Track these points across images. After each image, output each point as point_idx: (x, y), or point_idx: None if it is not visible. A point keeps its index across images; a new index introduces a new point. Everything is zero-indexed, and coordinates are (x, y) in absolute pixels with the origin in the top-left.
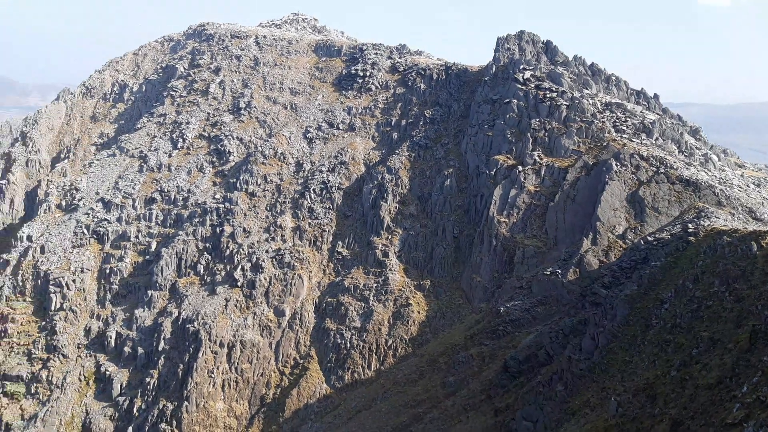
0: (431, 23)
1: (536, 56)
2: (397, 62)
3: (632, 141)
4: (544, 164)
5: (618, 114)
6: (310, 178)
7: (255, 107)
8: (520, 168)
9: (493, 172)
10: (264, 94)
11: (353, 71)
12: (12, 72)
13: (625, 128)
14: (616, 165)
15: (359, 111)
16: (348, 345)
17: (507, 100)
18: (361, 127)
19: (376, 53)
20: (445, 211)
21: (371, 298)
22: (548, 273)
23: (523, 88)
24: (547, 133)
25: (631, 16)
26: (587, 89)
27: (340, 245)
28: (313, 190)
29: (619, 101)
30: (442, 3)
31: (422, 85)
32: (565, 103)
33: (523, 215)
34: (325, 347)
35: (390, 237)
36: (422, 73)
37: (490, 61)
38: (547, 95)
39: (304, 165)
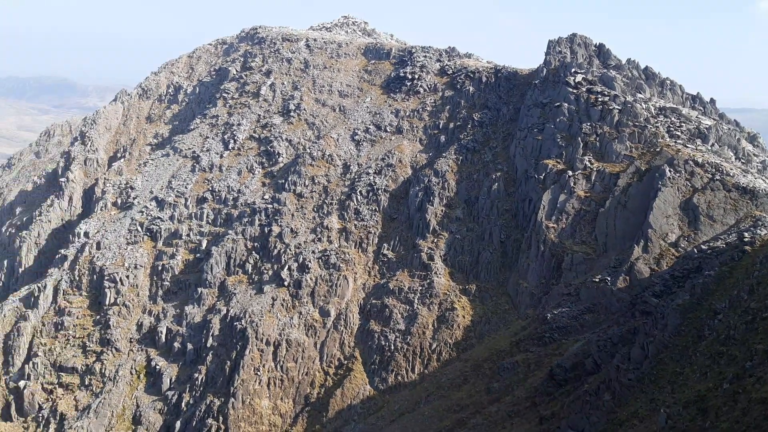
0: (482, 26)
1: (588, 59)
2: (446, 65)
3: (687, 147)
4: (594, 169)
5: (672, 119)
6: (356, 180)
7: (304, 109)
8: (570, 173)
9: (542, 177)
10: (313, 96)
11: (402, 74)
12: (73, 74)
13: (679, 134)
14: (670, 171)
15: (407, 113)
16: (392, 347)
17: (557, 104)
18: (408, 129)
19: (425, 56)
20: (492, 215)
21: (416, 301)
22: (597, 280)
23: (575, 91)
24: (598, 138)
25: (689, 19)
26: (641, 93)
27: (385, 247)
28: (360, 192)
29: (674, 106)
30: (494, 6)
31: (471, 88)
32: (617, 107)
33: (572, 221)
34: (369, 348)
35: (436, 240)
36: (471, 75)
37: (541, 65)
38: (599, 99)
39: (351, 167)
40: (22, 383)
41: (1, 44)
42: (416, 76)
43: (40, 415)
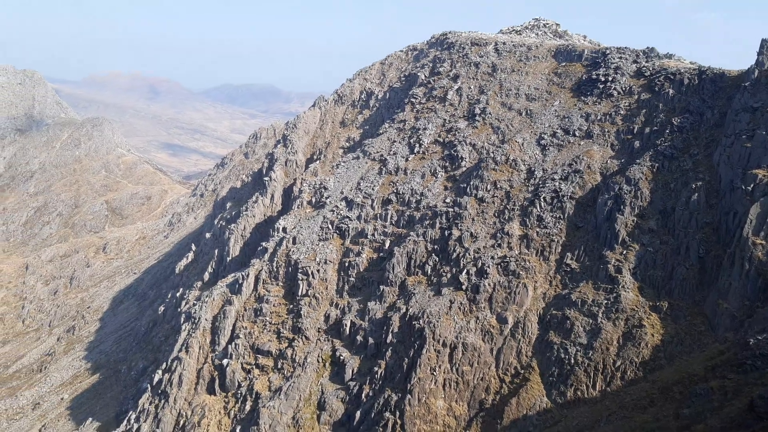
0: (684, 26)
1: None
2: (644, 66)
3: None
4: None
5: None
6: (541, 185)
7: (489, 113)
8: None
9: (750, 188)
10: (499, 100)
11: (594, 76)
12: (279, 82)
13: None
14: None
15: (598, 117)
16: (572, 361)
17: None
18: (599, 134)
19: (620, 57)
20: (690, 228)
21: (600, 315)
22: None
23: None
24: None
25: None
26: None
27: (569, 257)
28: (544, 198)
29: None
30: (697, 4)
31: (671, 91)
32: None
33: None
34: (547, 360)
35: (625, 252)
36: (671, 77)
37: (752, 65)
38: None
39: (536, 172)
40: (225, 361)
41: (218, 56)
42: (610, 78)
43: (239, 391)
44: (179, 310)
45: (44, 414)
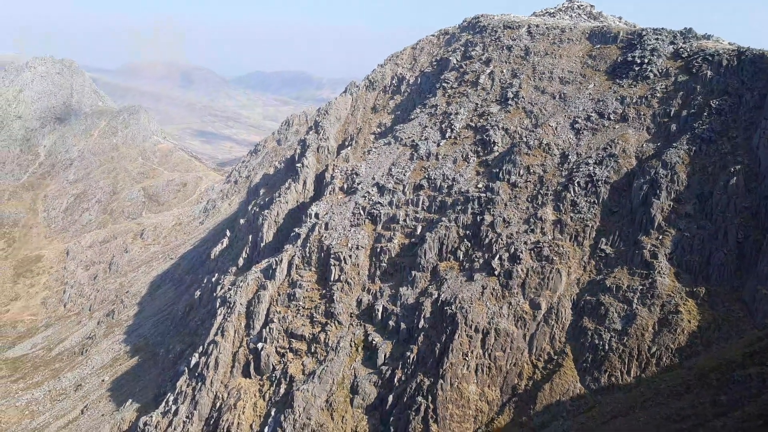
0: (723, 6)
1: None
2: (681, 47)
3: None
4: None
5: None
6: (575, 170)
7: (522, 97)
8: None
9: None
10: (532, 84)
11: (629, 58)
12: (311, 68)
13: None
14: None
15: (634, 100)
16: (606, 347)
17: None
18: (634, 117)
19: (657, 38)
20: (728, 212)
21: (635, 300)
22: None
23: None
24: None
25: None
26: None
27: (603, 242)
28: (578, 183)
29: None
30: None
31: (709, 73)
32: None
33: None
34: (581, 346)
35: (661, 237)
36: (709, 59)
37: None
38: None
39: (570, 156)
40: (260, 345)
41: (249, 43)
42: (646, 61)
43: (273, 375)
44: (215, 294)
45: (86, 395)
